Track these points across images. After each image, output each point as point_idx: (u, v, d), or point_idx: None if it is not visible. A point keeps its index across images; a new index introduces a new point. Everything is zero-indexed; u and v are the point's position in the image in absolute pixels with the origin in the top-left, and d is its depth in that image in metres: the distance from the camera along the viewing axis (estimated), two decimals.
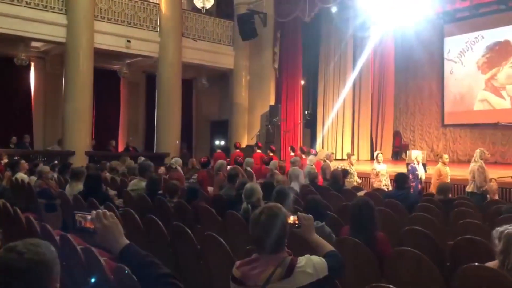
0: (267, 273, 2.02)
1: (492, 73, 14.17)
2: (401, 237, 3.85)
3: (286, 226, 2.14)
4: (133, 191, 5.84)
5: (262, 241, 2.07)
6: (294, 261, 2.07)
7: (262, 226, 2.08)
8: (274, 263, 2.05)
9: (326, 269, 2.10)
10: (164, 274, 1.73)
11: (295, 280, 2.02)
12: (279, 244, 2.09)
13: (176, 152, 13.29)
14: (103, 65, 14.70)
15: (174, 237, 3.60)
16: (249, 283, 2.06)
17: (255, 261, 2.10)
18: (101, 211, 1.80)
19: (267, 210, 2.13)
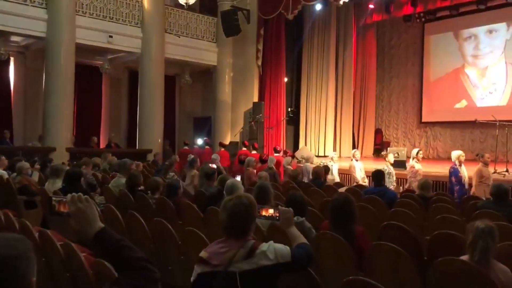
0: (231, 254, 2.18)
1: (472, 71, 14.42)
2: (380, 232, 3.92)
3: (252, 214, 2.31)
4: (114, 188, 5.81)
5: (228, 225, 2.26)
6: (257, 244, 2.24)
7: (228, 212, 2.26)
8: (239, 246, 2.21)
9: (289, 257, 2.24)
10: (139, 258, 1.74)
11: (255, 261, 2.17)
12: (245, 230, 2.27)
13: (159, 149, 13.23)
14: (85, 60, 14.52)
15: (155, 233, 3.61)
16: (214, 262, 2.19)
17: (222, 243, 2.26)
18: (76, 194, 1.80)
19: (236, 199, 2.32)
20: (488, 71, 13.97)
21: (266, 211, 2.62)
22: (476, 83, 14.25)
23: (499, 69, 13.68)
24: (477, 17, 13.81)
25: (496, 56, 13.78)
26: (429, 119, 15.40)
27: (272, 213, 2.58)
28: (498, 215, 4.47)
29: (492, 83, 13.85)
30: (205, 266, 2.22)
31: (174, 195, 4.90)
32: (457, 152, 8.02)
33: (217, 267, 2.18)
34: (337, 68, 15.69)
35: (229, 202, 2.30)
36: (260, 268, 2.16)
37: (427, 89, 15.47)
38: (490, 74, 13.93)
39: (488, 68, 14.00)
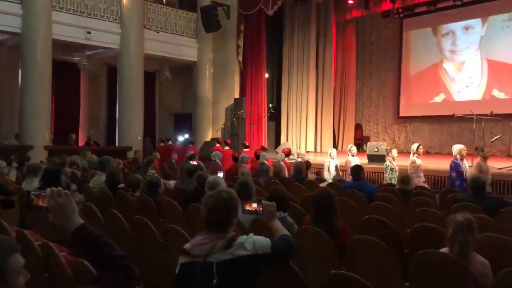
0: (210, 245, 2.25)
1: (449, 66, 14.66)
2: (361, 226, 3.95)
3: (233, 208, 2.35)
4: (94, 186, 5.73)
5: (209, 220, 2.32)
6: (236, 236, 2.31)
7: (209, 207, 2.33)
8: (218, 238, 2.27)
9: (269, 248, 2.30)
10: (118, 255, 1.72)
11: (233, 252, 2.24)
12: (226, 224, 2.33)
13: (139, 146, 13.11)
14: (62, 57, 14.28)
15: (136, 231, 3.57)
16: (194, 253, 2.26)
17: (204, 235, 2.33)
18: (55, 189, 1.77)
19: (216, 194, 2.37)
20: (465, 66, 14.26)
21: (250, 206, 2.67)
22: (454, 77, 14.52)
23: (475, 64, 14.00)
24: (453, 13, 14.06)
25: (472, 51, 14.09)
26: (408, 113, 15.60)
27: (255, 207, 2.64)
28: (476, 208, 4.54)
29: (468, 77, 14.16)
30: (186, 257, 2.28)
31: (155, 192, 4.85)
32: (458, 146, 7.77)
33: (197, 257, 2.24)
34: (318, 64, 15.77)
35: (210, 198, 2.35)
36: (237, 258, 2.21)
37: (406, 84, 15.66)
38: (466, 69, 14.22)
39: (464, 63, 14.29)
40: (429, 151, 14.55)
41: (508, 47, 13.19)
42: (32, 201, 1.80)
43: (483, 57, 13.78)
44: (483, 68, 13.78)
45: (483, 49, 13.79)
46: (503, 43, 13.31)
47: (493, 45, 13.53)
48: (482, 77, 13.80)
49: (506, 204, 4.97)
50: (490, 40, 13.62)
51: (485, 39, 13.75)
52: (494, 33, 13.53)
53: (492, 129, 12.93)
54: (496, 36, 13.47)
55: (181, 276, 2.30)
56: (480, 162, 7.31)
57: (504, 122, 11.96)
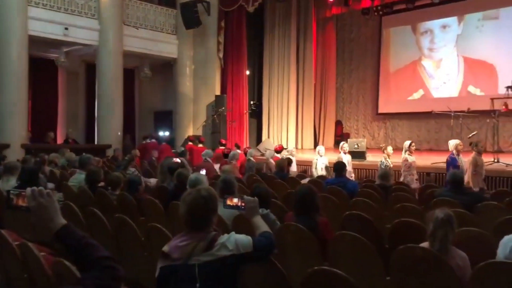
0: (191, 247, 2.18)
1: (428, 63, 14.90)
2: (342, 222, 3.98)
3: (212, 207, 2.30)
4: (74, 185, 5.65)
5: (188, 219, 2.26)
6: (217, 236, 2.26)
7: (187, 206, 2.27)
8: (198, 238, 2.21)
9: (251, 247, 2.27)
10: (103, 256, 1.69)
11: (214, 253, 2.19)
12: (205, 222, 2.27)
13: (119, 144, 12.96)
14: (39, 53, 14.02)
15: (117, 230, 3.53)
16: (174, 255, 2.19)
17: (183, 237, 2.26)
18: (36, 189, 1.72)
19: (195, 192, 2.31)
20: (442, 63, 14.57)
21: (231, 201, 2.64)
22: (432, 74, 14.80)
23: (452, 61, 14.33)
24: (431, 11, 14.30)
25: (449, 49, 14.39)
26: (387, 110, 15.79)
27: (236, 202, 2.61)
28: (455, 203, 4.62)
29: (446, 74, 14.48)
30: (166, 260, 2.22)
31: (135, 190, 4.80)
32: (454, 141, 7.74)
33: (177, 260, 2.18)
34: (298, 61, 15.81)
35: (188, 196, 2.30)
36: (219, 259, 2.17)
37: (385, 81, 15.84)
38: (444, 66, 14.54)
39: (442, 60, 14.59)
40: None
41: (483, 45, 13.55)
42: (12, 200, 1.75)
43: (459, 55, 14.10)
44: (460, 65, 14.11)
45: (459, 47, 14.11)
46: (478, 41, 13.67)
47: (469, 43, 13.86)
48: (459, 74, 14.12)
49: (483, 198, 5.09)
50: (466, 39, 13.95)
51: (461, 38, 14.08)
52: (470, 31, 13.87)
53: (469, 125, 13.19)
54: (472, 34, 13.82)
55: (161, 280, 2.24)
56: (475, 157, 7.25)
57: (480, 118, 12.22)
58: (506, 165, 8.17)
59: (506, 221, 3.71)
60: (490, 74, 13.38)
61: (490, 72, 13.40)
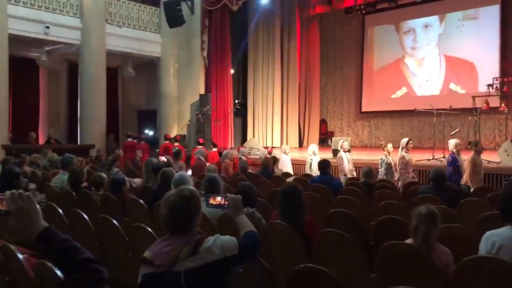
0: (175, 252, 2.07)
1: (411, 61, 15.08)
2: (327, 219, 4.00)
3: (195, 207, 2.20)
4: (56, 185, 5.57)
5: (170, 221, 2.15)
6: (202, 240, 2.15)
7: (169, 207, 2.16)
8: (183, 242, 2.10)
9: (236, 248, 2.18)
10: (86, 259, 1.66)
11: (201, 258, 2.08)
12: (188, 224, 2.17)
13: (102, 144, 12.81)
14: (20, 52, 13.79)
15: (100, 230, 3.49)
16: (158, 262, 2.07)
17: (165, 241, 2.15)
18: (16, 192, 1.68)
19: (177, 192, 2.21)
20: (425, 61, 14.81)
21: (214, 200, 2.57)
22: (415, 72, 15.02)
23: (434, 59, 14.58)
24: (413, 10, 14.51)
25: (431, 48, 14.63)
26: (371, 108, 15.92)
27: (220, 201, 2.54)
28: (438, 199, 4.69)
29: (428, 72, 14.71)
30: (149, 267, 2.10)
31: (119, 190, 4.75)
32: (454, 140, 7.56)
33: (161, 267, 2.06)
34: (282, 60, 15.84)
35: (169, 197, 2.19)
36: (206, 264, 2.08)
37: (369, 80, 15.98)
38: (426, 64, 14.79)
39: (424, 58, 14.82)
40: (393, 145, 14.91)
41: (463, 44, 13.83)
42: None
43: (441, 53, 14.36)
44: (441, 64, 14.38)
45: (441, 45, 14.37)
46: (459, 40, 13.96)
47: (450, 42, 14.13)
48: (440, 72, 14.38)
49: (465, 195, 5.16)
50: (447, 38, 14.20)
51: (442, 37, 14.33)
52: (451, 31, 14.14)
53: (451, 123, 13.39)
54: (453, 34, 14.08)
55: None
56: (474, 157, 7.07)
57: (462, 116, 12.39)
58: (487, 162, 8.29)
59: (488, 217, 3.76)
60: (471, 72, 13.63)
61: (470, 70, 13.65)
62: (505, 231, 2.62)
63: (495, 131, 13.16)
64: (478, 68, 13.43)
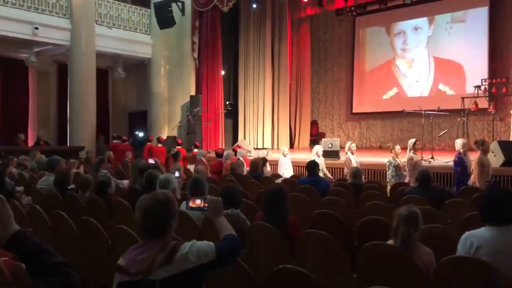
0: (149, 260, 2.00)
1: (401, 62, 15.17)
2: (312, 220, 4.01)
3: (170, 211, 2.13)
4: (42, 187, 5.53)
5: (144, 225, 2.09)
6: (177, 246, 2.07)
7: (143, 211, 2.09)
8: (157, 249, 2.03)
9: (214, 254, 2.11)
10: (58, 263, 1.65)
11: (176, 266, 2.01)
12: (163, 229, 2.10)
13: (92, 145, 12.75)
14: (9, 53, 13.71)
15: (83, 232, 3.47)
16: (132, 270, 2.01)
17: (140, 248, 2.08)
18: None
19: (152, 196, 2.14)
20: (415, 63, 14.93)
21: (193, 202, 2.52)
22: (405, 73, 15.13)
23: (423, 61, 14.69)
24: (403, 11, 14.62)
25: (421, 49, 14.75)
26: (362, 110, 15.98)
27: (199, 204, 2.48)
28: (423, 200, 4.72)
29: (418, 73, 14.82)
30: (123, 275, 2.03)
31: (105, 192, 4.73)
32: (462, 140, 7.28)
33: (136, 275, 1.99)
34: (273, 61, 15.85)
35: (144, 201, 2.12)
36: (182, 272, 2.01)
37: (360, 81, 16.03)
38: (416, 65, 14.89)
39: (414, 60, 14.94)
40: (381, 146, 15.01)
41: (452, 46, 13.94)
42: None
43: (430, 55, 14.49)
44: (430, 65, 14.50)
45: (430, 47, 14.50)
46: (447, 42, 14.07)
47: (439, 44, 14.26)
48: (430, 73, 14.50)
49: (451, 195, 5.19)
50: (436, 40, 14.35)
51: (432, 39, 14.48)
52: (440, 33, 14.27)
53: (440, 124, 13.49)
54: (441, 36, 14.22)
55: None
56: (481, 157, 6.78)
57: (451, 117, 12.48)
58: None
59: (471, 217, 3.78)
60: (459, 74, 13.75)
61: (459, 72, 13.77)
62: (483, 232, 2.64)
63: (484, 132, 13.25)
64: (466, 69, 13.54)
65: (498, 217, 2.62)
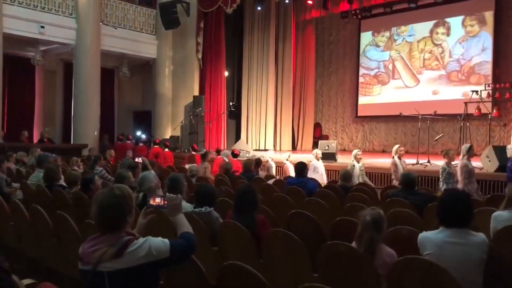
0: (99, 253, 2.04)
1: (403, 66, 15.08)
2: (288, 220, 4.04)
3: (126, 207, 2.14)
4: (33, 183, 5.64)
5: (99, 220, 2.11)
6: (129, 242, 2.08)
7: (98, 205, 2.11)
8: (109, 243, 2.06)
9: (167, 251, 2.12)
10: None
11: (125, 261, 2.03)
12: (117, 224, 2.11)
13: (95, 144, 12.89)
14: (16, 52, 13.91)
15: (58, 227, 3.55)
16: (85, 260, 2.08)
17: (94, 240, 2.12)
18: None
19: (108, 190, 2.17)
20: (419, 66, 14.77)
21: (153, 200, 2.52)
22: (408, 76, 14.99)
23: (427, 64, 14.56)
24: (408, 15, 14.52)
25: (425, 53, 14.58)
26: (366, 113, 15.90)
27: (159, 202, 2.44)
28: (406, 203, 4.72)
29: (421, 76, 14.69)
30: (81, 263, 2.12)
31: (88, 189, 4.80)
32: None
33: (87, 265, 2.07)
34: (277, 63, 15.89)
35: (101, 195, 2.15)
36: (130, 268, 2.03)
37: (364, 84, 15.96)
38: (420, 69, 14.75)
39: (418, 63, 14.78)
40: (385, 149, 14.93)
41: (456, 50, 13.84)
42: None
43: (434, 58, 14.33)
44: (434, 69, 14.36)
45: (434, 51, 14.34)
46: (452, 46, 13.93)
47: (444, 48, 14.12)
48: (433, 77, 14.33)
49: (434, 199, 5.17)
50: (440, 44, 14.21)
51: (436, 43, 14.31)
52: (444, 37, 14.15)
53: (444, 129, 13.43)
54: (446, 40, 14.10)
55: (84, 282, 2.11)
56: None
57: (454, 122, 12.38)
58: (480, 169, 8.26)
59: None
60: (464, 78, 13.62)
61: (463, 76, 13.63)
62: (437, 234, 2.65)
63: (487, 138, 13.12)
64: (471, 74, 13.41)
65: (453, 220, 2.62)
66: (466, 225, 2.63)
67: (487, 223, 3.67)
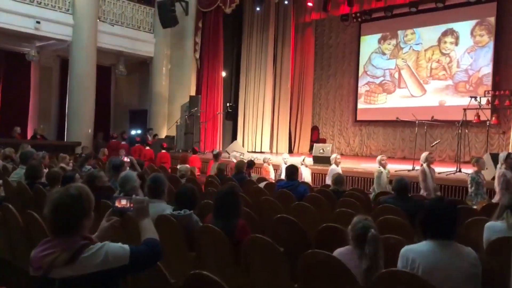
0: (51, 258, 1.87)
1: (404, 71, 14.92)
2: (273, 225, 3.87)
3: (82, 208, 1.96)
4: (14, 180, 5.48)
5: (51, 222, 1.95)
6: (85, 247, 1.91)
7: (51, 205, 1.93)
8: (63, 247, 1.89)
9: (127, 258, 1.95)
10: None
11: (79, 267, 1.87)
12: (71, 227, 1.94)
13: (89, 141, 12.74)
14: (11, 47, 13.76)
15: (28, 226, 3.39)
16: (34, 265, 1.90)
17: (47, 244, 1.94)
18: None
19: (64, 189, 1.99)
20: (418, 71, 14.62)
21: (119, 202, 2.34)
22: (408, 82, 14.82)
23: (426, 70, 14.41)
24: (408, 20, 14.36)
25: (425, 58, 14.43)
26: (364, 117, 15.75)
27: (125, 204, 2.30)
28: (398, 210, 4.55)
29: (421, 82, 14.55)
30: (31, 269, 1.94)
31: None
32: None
33: (38, 271, 1.90)
34: (275, 65, 15.74)
35: (55, 194, 1.97)
36: (86, 275, 1.88)
37: (363, 88, 15.80)
38: (419, 74, 14.59)
39: (418, 68, 14.64)
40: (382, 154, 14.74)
41: (456, 56, 13.68)
42: None
43: (433, 63, 14.20)
44: (433, 74, 14.20)
45: (434, 56, 14.21)
46: (451, 52, 13.80)
47: (443, 53, 13.97)
48: (433, 82, 14.18)
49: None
50: (439, 49, 14.06)
51: (435, 47, 14.19)
52: (444, 43, 13.98)
53: (443, 135, 13.28)
54: (445, 45, 13.96)
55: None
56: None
57: (453, 128, 12.19)
58: (467, 174, 8.10)
59: None
60: (463, 85, 13.46)
61: (463, 82, 13.48)
62: (422, 246, 2.49)
63: (486, 145, 12.96)
64: (479, 85, 13.16)
65: (439, 232, 2.46)
66: (453, 237, 2.47)
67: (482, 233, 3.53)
